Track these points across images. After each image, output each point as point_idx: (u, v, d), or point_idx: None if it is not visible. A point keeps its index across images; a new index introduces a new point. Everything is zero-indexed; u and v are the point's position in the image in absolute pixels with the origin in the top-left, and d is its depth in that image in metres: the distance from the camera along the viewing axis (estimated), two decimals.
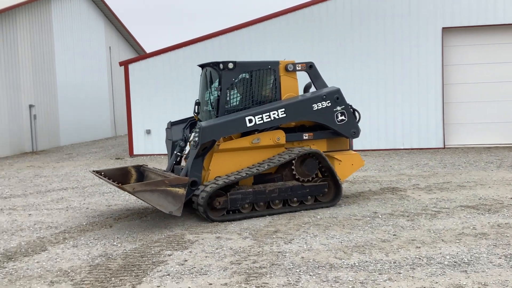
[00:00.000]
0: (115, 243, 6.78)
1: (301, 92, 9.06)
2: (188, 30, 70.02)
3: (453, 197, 8.97)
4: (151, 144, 17.42)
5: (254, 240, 6.67)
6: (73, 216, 8.51)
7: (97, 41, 27.87)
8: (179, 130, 9.08)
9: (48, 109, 22.34)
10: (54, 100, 22.97)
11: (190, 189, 7.68)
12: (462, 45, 16.25)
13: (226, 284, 5.14)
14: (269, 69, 8.50)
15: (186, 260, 5.92)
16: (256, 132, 8.27)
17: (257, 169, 7.96)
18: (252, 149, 8.24)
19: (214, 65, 8.42)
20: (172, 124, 9.20)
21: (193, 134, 8.01)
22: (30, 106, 20.76)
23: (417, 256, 5.80)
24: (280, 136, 8.34)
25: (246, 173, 7.87)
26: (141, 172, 9.05)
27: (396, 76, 16.28)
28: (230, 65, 8.19)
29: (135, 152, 17.52)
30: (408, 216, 7.68)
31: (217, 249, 6.32)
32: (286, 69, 8.58)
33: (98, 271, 5.67)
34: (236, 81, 8.33)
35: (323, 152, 8.61)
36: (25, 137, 20.39)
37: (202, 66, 8.91)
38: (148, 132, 17.43)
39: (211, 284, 5.16)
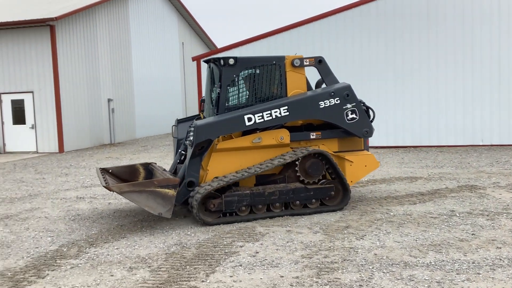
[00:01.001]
0: (189, 232, 6.98)
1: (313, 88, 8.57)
2: (258, 26, 70.48)
3: None
4: None
5: (325, 235, 6.63)
6: None
7: (171, 37, 28.67)
8: (185, 128, 8.77)
9: (125, 103, 23.31)
10: (130, 94, 23.93)
11: (187, 190, 7.46)
12: None
13: (297, 277, 5.14)
14: (274, 64, 7.99)
15: (258, 252, 5.98)
16: (258, 131, 7.84)
17: (255, 170, 7.54)
18: (253, 149, 7.78)
19: (215, 61, 8.02)
20: (178, 122, 8.94)
21: (190, 133, 7.75)
22: (109, 100, 21.75)
23: (498, 257, 5.53)
24: (283, 135, 7.80)
25: (243, 174, 7.46)
26: (150, 170, 8.89)
27: (475, 70, 15.54)
28: (231, 61, 7.78)
29: None
30: (488, 215, 7.34)
31: (287, 242, 6.34)
32: (293, 65, 8.04)
33: (174, 259, 5.86)
34: (237, 77, 7.92)
35: (334, 152, 8.15)
36: (104, 130, 21.40)
37: (207, 61, 8.47)
38: None
39: (282, 276, 5.19)
